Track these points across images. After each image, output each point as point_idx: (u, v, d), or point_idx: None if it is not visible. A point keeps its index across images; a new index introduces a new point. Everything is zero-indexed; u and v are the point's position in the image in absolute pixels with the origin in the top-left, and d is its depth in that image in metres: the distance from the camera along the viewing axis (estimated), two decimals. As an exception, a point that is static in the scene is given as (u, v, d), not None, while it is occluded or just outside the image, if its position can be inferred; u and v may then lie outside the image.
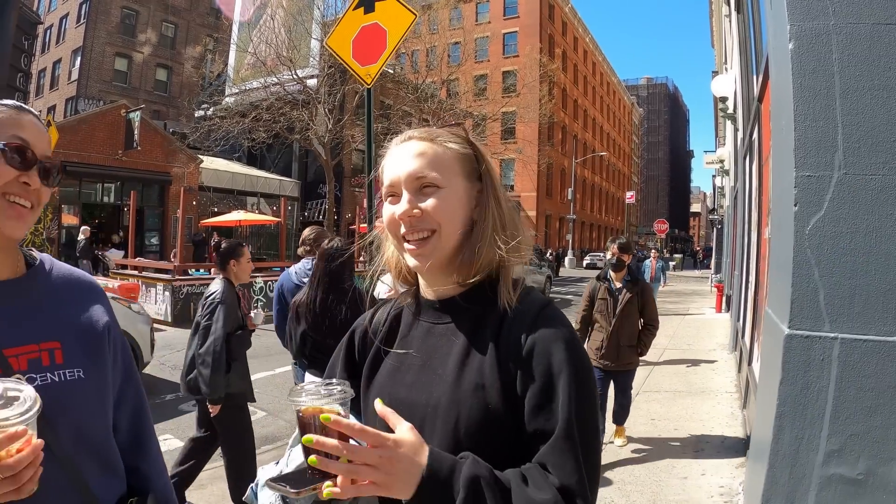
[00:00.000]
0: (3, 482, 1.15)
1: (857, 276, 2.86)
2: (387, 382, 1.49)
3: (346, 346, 1.69)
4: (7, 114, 1.48)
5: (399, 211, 1.43)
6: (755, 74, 8.46)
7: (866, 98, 2.87)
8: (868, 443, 2.85)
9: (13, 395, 1.21)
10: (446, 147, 1.48)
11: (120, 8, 47.49)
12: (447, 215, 1.43)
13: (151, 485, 1.72)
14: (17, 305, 1.51)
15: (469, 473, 1.21)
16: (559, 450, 1.28)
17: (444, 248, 1.44)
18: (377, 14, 6.17)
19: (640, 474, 6.02)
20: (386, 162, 1.51)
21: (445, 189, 1.44)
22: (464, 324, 1.45)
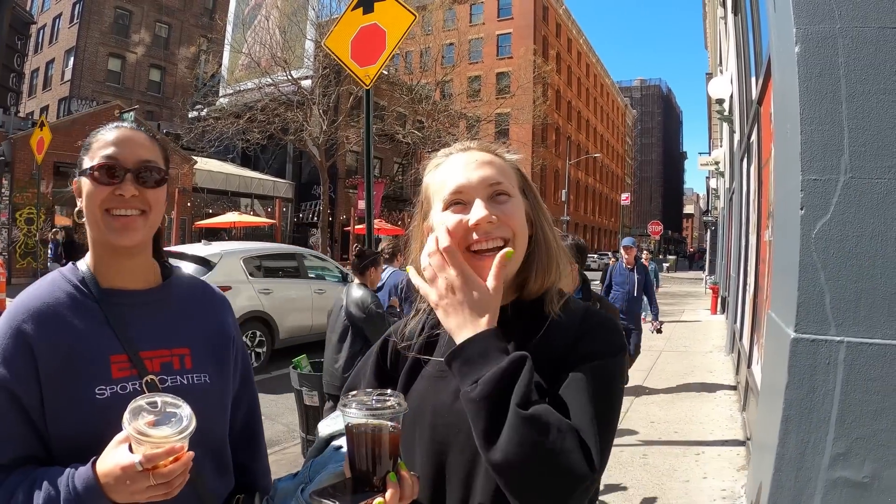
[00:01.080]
0: (156, 487, 1.30)
1: (863, 280, 2.86)
2: (430, 390, 1.45)
3: (378, 353, 1.65)
4: (98, 136, 1.62)
5: (476, 217, 1.35)
6: (754, 76, 8.47)
7: (872, 102, 2.87)
8: (874, 446, 2.85)
9: (171, 410, 1.33)
10: (505, 159, 1.47)
11: (113, 8, 47.34)
12: (520, 225, 1.40)
13: (258, 483, 1.84)
14: (154, 313, 1.66)
15: (522, 354, 1.25)
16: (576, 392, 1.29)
17: (516, 260, 1.40)
18: (376, 14, 6.16)
19: (641, 478, 6.01)
20: (444, 170, 1.45)
21: (515, 199, 1.42)
22: (511, 332, 1.39)
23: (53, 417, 1.45)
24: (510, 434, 1.17)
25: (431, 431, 1.41)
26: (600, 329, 1.40)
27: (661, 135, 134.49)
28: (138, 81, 49.09)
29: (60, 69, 47.57)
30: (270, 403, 8.86)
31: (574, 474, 1.17)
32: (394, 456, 1.22)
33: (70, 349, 1.49)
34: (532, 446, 1.17)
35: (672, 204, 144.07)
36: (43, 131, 17.81)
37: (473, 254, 1.37)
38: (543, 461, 1.17)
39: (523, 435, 1.17)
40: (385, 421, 1.20)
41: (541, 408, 1.20)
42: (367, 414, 1.19)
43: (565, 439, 1.18)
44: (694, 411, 8.35)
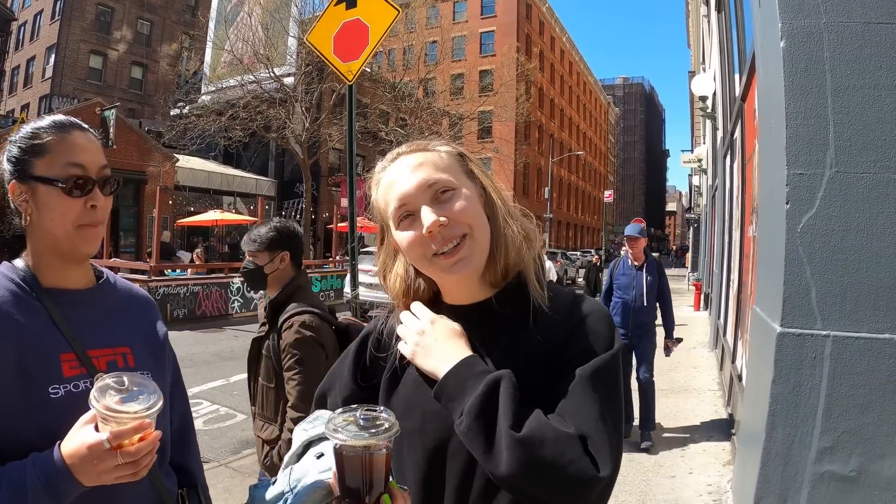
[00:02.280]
0: (123, 466, 1.29)
1: (849, 274, 2.86)
2: (415, 394, 1.41)
3: (356, 351, 1.61)
4: (55, 137, 1.55)
5: (426, 224, 1.33)
6: (738, 73, 8.50)
7: (858, 96, 2.88)
8: (860, 439, 2.86)
9: (137, 388, 1.31)
10: (438, 151, 1.44)
11: (95, 5, 46.92)
12: (474, 214, 1.37)
13: (196, 480, 1.84)
14: (93, 313, 1.66)
15: (497, 374, 1.26)
16: (577, 396, 1.26)
17: (482, 249, 1.38)
18: (359, 10, 6.11)
19: (627, 474, 6.01)
20: (384, 185, 1.44)
21: (461, 190, 1.38)
22: (499, 328, 1.39)
23: (7, 417, 1.40)
24: (509, 456, 1.16)
25: (422, 437, 1.38)
26: (591, 321, 1.36)
27: (644, 133, 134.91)
28: (120, 79, 48.70)
29: (41, 66, 47.10)
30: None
31: (583, 481, 1.17)
32: (386, 476, 1.19)
33: (21, 347, 1.45)
34: (534, 465, 1.16)
35: (655, 201, 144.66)
36: (22, 129, 17.69)
37: (441, 256, 1.35)
38: (548, 476, 1.16)
39: (522, 455, 1.16)
40: (377, 441, 1.16)
41: (534, 424, 1.19)
42: (358, 435, 1.15)
43: (566, 450, 1.17)
44: (679, 407, 8.38)
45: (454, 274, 1.36)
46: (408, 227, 1.37)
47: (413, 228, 1.36)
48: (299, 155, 27.18)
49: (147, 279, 16.15)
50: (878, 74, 2.86)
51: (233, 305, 18.10)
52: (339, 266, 23.37)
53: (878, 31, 2.87)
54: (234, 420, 8.06)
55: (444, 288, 1.48)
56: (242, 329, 15.87)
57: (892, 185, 2.83)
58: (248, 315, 18.27)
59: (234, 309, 18.17)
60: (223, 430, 7.64)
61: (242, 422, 7.97)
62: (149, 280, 16.10)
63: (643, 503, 5.38)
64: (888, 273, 2.82)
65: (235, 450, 6.96)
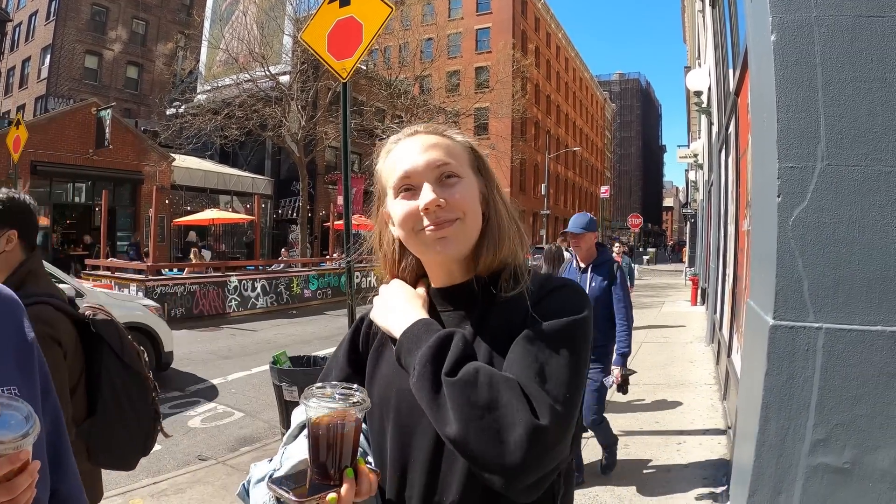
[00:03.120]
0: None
1: (841, 267, 2.87)
2: (392, 374, 1.44)
3: (351, 337, 1.65)
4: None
5: (424, 201, 1.37)
6: (731, 68, 8.50)
7: (849, 89, 2.88)
8: (854, 432, 2.86)
9: (5, 412, 1.10)
10: (454, 139, 1.47)
11: (90, 5, 46.84)
12: (471, 205, 1.42)
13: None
14: None
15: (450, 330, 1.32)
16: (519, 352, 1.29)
17: (470, 237, 1.42)
18: (352, 7, 6.12)
19: (623, 468, 6.03)
20: (394, 157, 1.46)
21: (465, 179, 1.43)
22: (473, 310, 1.43)
23: None
24: (450, 405, 1.19)
25: (396, 415, 1.42)
26: (559, 290, 1.41)
27: (641, 128, 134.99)
28: (115, 79, 48.63)
29: (37, 67, 47.01)
30: (251, 400, 8.85)
31: (518, 427, 1.16)
32: (353, 450, 1.21)
33: None
34: (469, 408, 1.18)
35: (652, 197, 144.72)
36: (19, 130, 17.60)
37: (427, 229, 1.39)
38: (482, 420, 1.17)
39: (457, 400, 1.18)
40: (344, 410, 1.18)
41: (470, 368, 1.22)
42: (328, 407, 1.17)
43: (500, 392, 1.19)
44: (675, 401, 8.40)
45: (435, 250, 1.41)
46: (406, 199, 1.41)
47: (411, 201, 1.40)
48: (295, 153, 27.15)
49: (144, 278, 16.15)
50: (868, 67, 2.87)
51: (230, 304, 18.11)
52: (336, 264, 23.37)
53: (869, 24, 2.87)
54: (231, 418, 8.07)
55: (427, 269, 1.53)
56: (240, 327, 15.92)
57: (883, 177, 2.84)
58: (246, 314, 18.31)
59: (232, 308, 18.18)
60: (221, 429, 7.65)
61: (240, 419, 7.99)
62: (146, 279, 16.10)
63: (639, 496, 5.40)
64: (880, 265, 2.83)
65: (233, 447, 6.98)
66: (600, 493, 5.50)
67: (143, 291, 15.79)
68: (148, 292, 15.79)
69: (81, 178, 27.73)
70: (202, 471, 6.17)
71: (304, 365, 6.89)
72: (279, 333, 14.69)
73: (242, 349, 12.40)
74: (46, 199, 26.74)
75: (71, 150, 26.15)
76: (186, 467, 6.32)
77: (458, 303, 1.46)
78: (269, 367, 6.74)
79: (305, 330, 15.87)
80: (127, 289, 16.24)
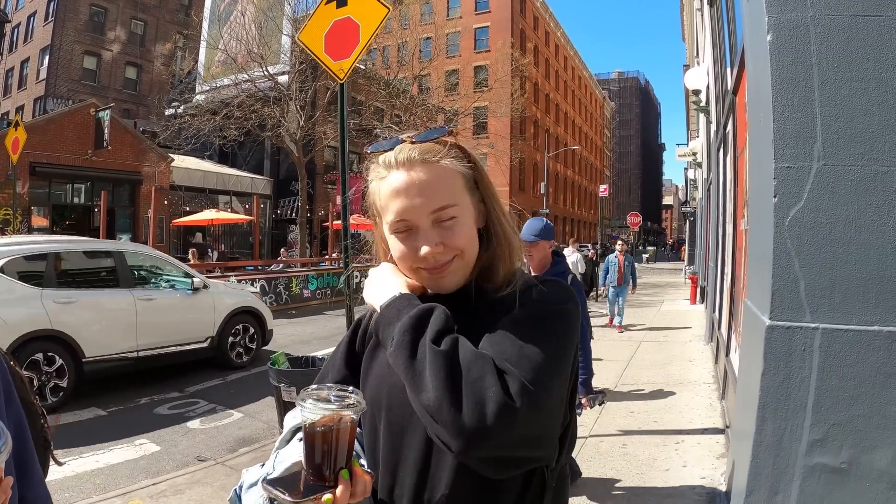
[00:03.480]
0: None
1: (838, 267, 2.86)
2: (386, 373, 1.44)
3: (349, 338, 1.66)
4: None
5: (423, 252, 1.38)
6: (729, 67, 8.50)
7: (845, 89, 2.88)
8: (851, 432, 2.86)
9: None
10: (446, 167, 1.42)
11: (88, 5, 46.81)
12: (468, 240, 1.42)
13: None
14: None
15: (431, 304, 1.33)
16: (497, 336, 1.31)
17: (468, 267, 1.45)
18: (349, 8, 6.12)
19: (621, 468, 6.03)
20: (388, 186, 1.42)
21: (462, 215, 1.41)
22: (465, 311, 1.42)
23: None
24: (429, 372, 1.19)
25: (388, 413, 1.42)
26: (544, 284, 1.43)
27: (640, 127, 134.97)
28: (114, 79, 48.60)
29: (36, 68, 46.97)
30: (250, 401, 8.83)
31: (490, 401, 1.16)
32: (348, 452, 1.21)
33: None
34: (447, 378, 1.18)
35: (651, 195, 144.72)
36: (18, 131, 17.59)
37: (427, 270, 1.42)
38: (458, 390, 1.17)
39: (437, 368, 1.19)
40: (338, 412, 1.18)
41: (451, 339, 1.24)
42: (323, 409, 1.18)
43: (477, 366, 1.20)
44: (674, 400, 8.39)
45: (436, 288, 1.44)
46: (402, 240, 1.41)
47: (407, 241, 1.40)
48: (294, 153, 27.14)
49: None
50: (865, 67, 2.87)
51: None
52: (335, 264, 23.35)
53: (866, 23, 2.87)
54: (230, 419, 8.06)
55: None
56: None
57: (879, 177, 2.83)
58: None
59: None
60: (220, 429, 7.64)
61: (239, 420, 7.99)
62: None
63: (637, 496, 5.39)
64: (877, 265, 2.83)
65: (232, 448, 6.97)
66: (597, 492, 5.49)
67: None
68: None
69: (80, 178, 27.71)
70: (201, 472, 6.16)
71: (302, 366, 6.88)
72: (278, 333, 14.65)
73: (241, 349, 12.39)
74: (45, 200, 26.75)
75: (70, 150, 26.12)
76: (185, 468, 6.31)
77: (451, 305, 1.43)
78: (268, 368, 6.73)
79: (304, 330, 15.87)
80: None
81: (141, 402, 8.74)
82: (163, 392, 9.25)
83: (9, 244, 8.71)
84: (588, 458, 6.25)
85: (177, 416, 8.09)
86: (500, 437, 1.15)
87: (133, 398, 8.87)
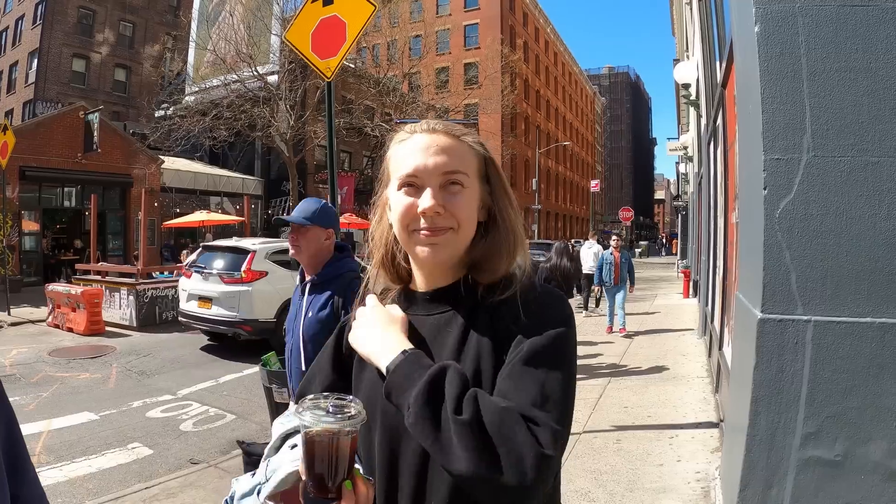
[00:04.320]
0: None
1: (829, 259, 2.85)
2: (378, 378, 1.43)
3: (335, 341, 1.64)
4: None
5: (424, 205, 1.38)
6: (718, 60, 8.49)
7: (833, 80, 2.86)
8: (844, 424, 2.85)
9: None
10: (469, 146, 1.47)
11: (77, 8, 46.51)
12: (468, 216, 1.42)
13: None
14: None
15: (443, 364, 1.28)
16: (516, 375, 1.28)
17: (460, 247, 1.43)
18: (336, 6, 6.09)
19: (615, 463, 6.01)
20: (407, 148, 1.45)
21: (469, 189, 1.43)
22: (459, 313, 1.43)
23: None
24: (457, 442, 1.17)
25: (383, 417, 1.40)
26: (543, 299, 1.40)
27: (631, 121, 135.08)
28: (104, 82, 48.34)
29: (24, 72, 46.67)
30: (243, 402, 8.80)
31: (527, 458, 1.16)
32: (350, 463, 1.20)
33: None
34: (477, 445, 1.17)
35: (643, 190, 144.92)
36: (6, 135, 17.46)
37: (421, 232, 1.40)
38: (491, 455, 1.16)
39: (464, 438, 1.17)
40: (340, 426, 1.17)
41: (472, 402, 1.21)
42: (324, 420, 1.16)
43: (505, 425, 1.19)
44: (667, 395, 8.38)
45: (425, 255, 1.41)
46: (408, 194, 1.41)
47: (411, 198, 1.41)
48: (285, 153, 27.10)
49: (135, 282, 16.05)
50: (853, 57, 2.85)
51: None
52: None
53: (853, 13, 2.85)
54: (223, 421, 8.02)
55: (416, 267, 1.53)
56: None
57: (869, 168, 2.82)
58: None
59: (224, 309, 18.05)
60: (213, 432, 7.61)
61: (232, 422, 7.95)
62: (136, 283, 15.99)
63: (631, 492, 5.37)
64: (868, 256, 2.81)
65: (225, 450, 6.94)
66: (592, 488, 5.48)
67: (134, 295, 15.71)
68: (139, 296, 15.71)
69: (71, 182, 27.50)
70: (194, 474, 6.13)
71: (294, 366, 6.85)
72: (271, 334, 14.61)
73: (234, 351, 12.34)
74: (36, 204, 26.54)
75: (59, 154, 25.92)
76: (178, 471, 6.28)
77: (444, 304, 1.47)
78: (259, 369, 6.69)
79: (298, 330, 15.78)
80: (118, 293, 16.14)
81: (134, 405, 8.69)
82: (155, 395, 9.20)
83: (262, 243, 13.30)
84: (581, 455, 6.23)
85: (169, 419, 8.05)
86: (541, 486, 1.18)
87: (126, 402, 8.82)
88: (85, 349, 12.76)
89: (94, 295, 14.90)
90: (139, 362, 11.49)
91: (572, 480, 5.56)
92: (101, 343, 13.48)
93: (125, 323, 15.62)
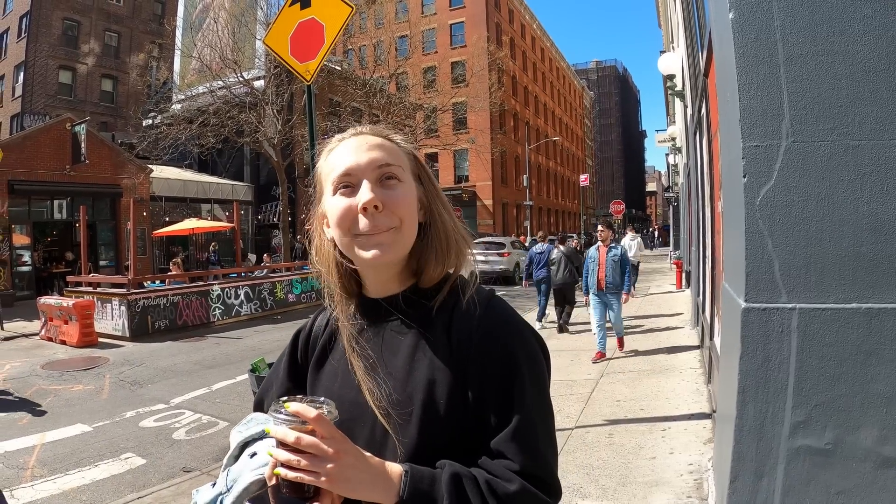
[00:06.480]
0: None
1: (812, 245, 2.82)
2: (333, 385, 1.45)
3: (290, 350, 1.65)
4: None
5: (363, 199, 1.33)
6: (700, 50, 8.48)
7: (811, 64, 2.83)
8: (834, 412, 2.82)
9: None
10: (398, 144, 1.46)
11: (61, 20, 46.41)
12: (409, 211, 1.39)
13: None
14: None
15: (451, 471, 1.23)
16: (518, 434, 1.28)
17: (405, 245, 1.40)
18: (313, 9, 6.07)
19: (607, 457, 5.99)
20: (336, 154, 1.43)
21: (405, 184, 1.41)
22: (412, 321, 1.41)
23: None
24: None
25: (338, 425, 1.36)
26: (507, 327, 1.37)
27: (620, 115, 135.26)
28: (90, 92, 48.23)
29: (11, 85, 46.59)
30: (236, 409, 8.77)
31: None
32: None
33: None
34: None
35: (634, 182, 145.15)
36: (-6, 151, 17.43)
37: (363, 235, 1.36)
38: None
39: None
40: None
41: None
42: (297, 422, 1.16)
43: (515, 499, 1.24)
44: (660, 387, 8.37)
45: (370, 257, 1.36)
46: (344, 195, 1.37)
47: (348, 198, 1.37)
48: (273, 158, 27.02)
49: (126, 292, 16.00)
50: (830, 41, 2.82)
51: (214, 313, 17.95)
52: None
53: (828, -4, 2.83)
54: (216, 428, 7.99)
55: (363, 276, 1.49)
56: (224, 336, 15.82)
57: (850, 152, 2.79)
58: (229, 322, 18.14)
59: (216, 317, 18.00)
60: (206, 439, 7.58)
61: (225, 429, 7.92)
62: (128, 293, 15.94)
63: (624, 486, 5.35)
64: (851, 242, 2.79)
65: (218, 457, 6.90)
66: (584, 483, 5.45)
67: (126, 305, 15.66)
68: (130, 306, 15.66)
69: (60, 194, 27.39)
70: (186, 483, 6.10)
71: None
72: (264, 339, 14.60)
73: (227, 358, 12.32)
74: (26, 217, 26.41)
75: (48, 167, 25.81)
76: (171, 480, 6.25)
77: (396, 311, 1.44)
78: (248, 375, 6.66)
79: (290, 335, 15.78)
80: (110, 304, 16.09)
81: (127, 415, 8.65)
82: (148, 405, 9.17)
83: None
84: (573, 450, 6.21)
85: (162, 429, 8.02)
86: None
87: (119, 412, 8.77)
88: (78, 361, 12.73)
89: (85, 307, 14.86)
90: (132, 372, 11.46)
91: (564, 476, 5.53)
92: (95, 354, 13.45)
93: (118, 333, 15.60)
